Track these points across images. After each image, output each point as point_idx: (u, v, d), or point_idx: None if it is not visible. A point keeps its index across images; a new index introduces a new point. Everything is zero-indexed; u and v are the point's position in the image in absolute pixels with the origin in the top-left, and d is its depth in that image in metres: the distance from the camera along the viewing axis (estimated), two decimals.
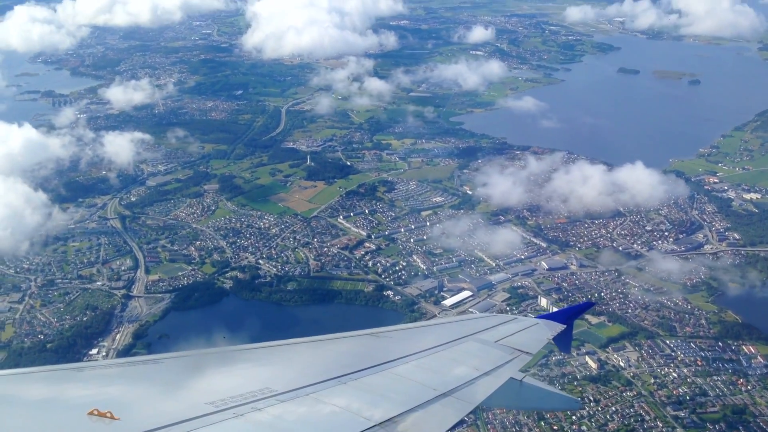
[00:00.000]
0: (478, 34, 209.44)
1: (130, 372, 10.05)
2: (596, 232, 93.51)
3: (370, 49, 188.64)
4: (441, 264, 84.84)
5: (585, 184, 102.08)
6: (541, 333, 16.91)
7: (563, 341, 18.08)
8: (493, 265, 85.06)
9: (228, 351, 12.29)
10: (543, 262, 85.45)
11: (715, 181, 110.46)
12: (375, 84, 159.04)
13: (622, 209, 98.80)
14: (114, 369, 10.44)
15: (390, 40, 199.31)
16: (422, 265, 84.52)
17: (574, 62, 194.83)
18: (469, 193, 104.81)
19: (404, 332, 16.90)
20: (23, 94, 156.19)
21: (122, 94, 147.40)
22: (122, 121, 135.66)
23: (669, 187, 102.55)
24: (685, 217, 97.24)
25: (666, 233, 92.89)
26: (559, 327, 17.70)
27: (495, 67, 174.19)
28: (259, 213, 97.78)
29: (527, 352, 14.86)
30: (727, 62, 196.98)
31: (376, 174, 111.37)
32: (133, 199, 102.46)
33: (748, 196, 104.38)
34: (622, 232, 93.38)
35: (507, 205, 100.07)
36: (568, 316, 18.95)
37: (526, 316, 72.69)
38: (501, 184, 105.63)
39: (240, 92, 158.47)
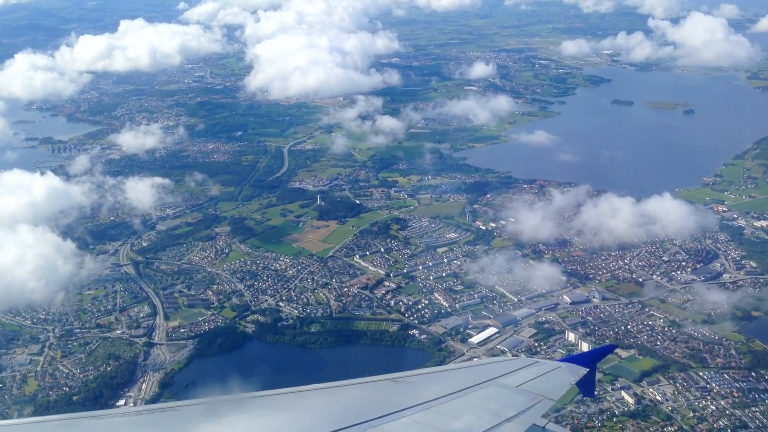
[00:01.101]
0: (478, 70, 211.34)
1: (148, 420, 9.99)
2: (614, 263, 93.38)
3: (370, 87, 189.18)
4: (463, 301, 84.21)
5: (605, 216, 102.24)
6: (564, 377, 16.78)
7: (586, 385, 17.88)
8: (516, 300, 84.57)
9: (244, 398, 12.31)
10: (565, 296, 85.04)
11: (724, 209, 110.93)
12: (378, 122, 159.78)
13: (636, 240, 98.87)
14: (133, 417, 10.41)
15: (393, 77, 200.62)
16: (444, 303, 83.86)
17: (568, 95, 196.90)
18: (483, 228, 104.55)
19: (425, 377, 16.65)
20: (26, 141, 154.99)
21: (127, 139, 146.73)
22: (124, 166, 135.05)
23: (698, 217, 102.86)
24: (699, 247, 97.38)
25: (683, 263, 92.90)
26: (582, 371, 17.54)
27: (494, 102, 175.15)
28: (273, 254, 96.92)
29: (550, 398, 14.72)
30: (718, 91, 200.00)
31: (387, 212, 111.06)
32: (144, 244, 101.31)
33: (758, 224, 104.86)
34: (640, 263, 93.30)
35: (522, 239, 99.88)
36: (591, 359, 18.70)
37: (554, 352, 72.35)
38: (515, 219, 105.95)
39: (240, 133, 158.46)
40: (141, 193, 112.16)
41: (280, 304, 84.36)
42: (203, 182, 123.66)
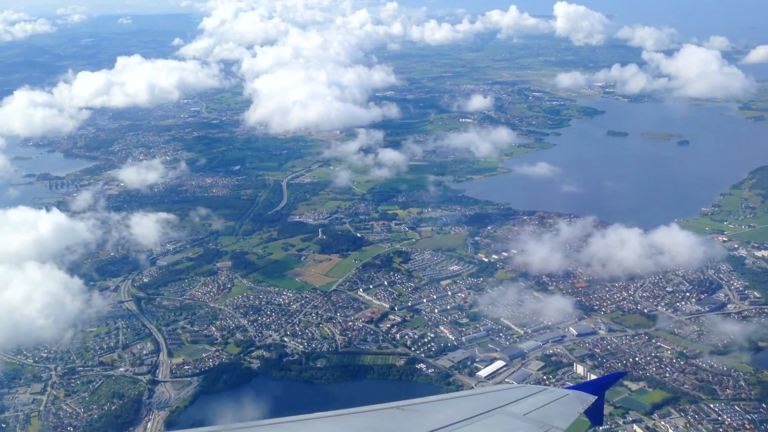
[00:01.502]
0: (474, 102, 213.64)
1: None
2: (618, 294, 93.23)
3: (368, 121, 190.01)
4: (469, 334, 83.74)
5: (608, 247, 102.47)
6: (572, 405, 16.61)
7: (595, 413, 17.55)
8: (522, 332, 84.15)
9: (250, 426, 12.44)
10: (571, 328, 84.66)
11: (724, 239, 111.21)
12: (377, 155, 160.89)
13: (639, 271, 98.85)
14: None
15: (390, 111, 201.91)
16: (450, 336, 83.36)
17: (563, 126, 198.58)
18: (485, 260, 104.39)
19: (431, 405, 16.36)
20: (26, 177, 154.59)
21: (126, 174, 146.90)
22: (122, 201, 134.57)
23: (706, 248, 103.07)
24: (702, 277, 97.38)
25: (687, 294, 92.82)
26: (591, 399, 17.37)
27: (491, 134, 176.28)
28: (276, 289, 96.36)
29: (558, 427, 14.57)
30: (711, 122, 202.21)
31: (389, 245, 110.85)
32: (145, 279, 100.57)
33: (759, 254, 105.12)
34: (644, 294, 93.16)
35: (526, 270, 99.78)
36: (599, 387, 18.50)
37: (563, 384, 71.83)
38: (517, 251, 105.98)
39: (238, 167, 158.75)
40: (144, 228, 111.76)
41: (285, 339, 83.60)
42: (203, 217, 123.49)
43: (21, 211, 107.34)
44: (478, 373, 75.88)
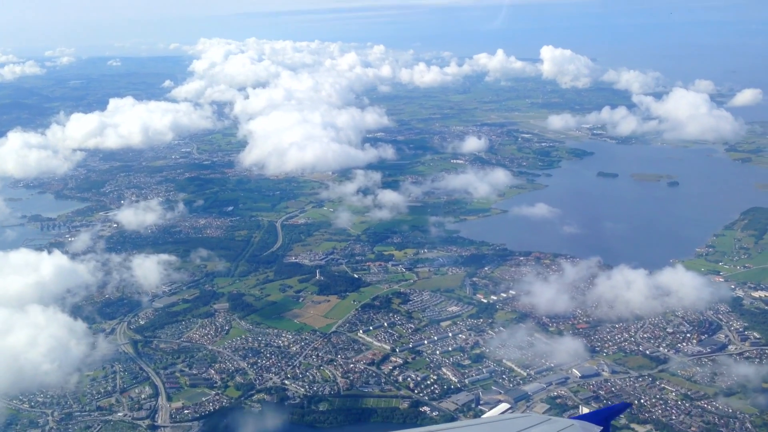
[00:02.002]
0: (465, 144, 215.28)
1: None
2: (619, 336, 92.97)
3: (363, 162, 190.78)
4: (472, 376, 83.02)
5: (607, 288, 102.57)
6: None
7: None
8: (525, 374, 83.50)
9: None
10: (574, 370, 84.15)
11: (720, 280, 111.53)
12: (374, 196, 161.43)
13: (639, 312, 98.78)
14: None
15: (383, 152, 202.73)
16: (453, 378, 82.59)
17: (553, 167, 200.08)
18: (484, 301, 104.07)
19: None
20: (22, 219, 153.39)
21: (120, 216, 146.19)
22: (116, 243, 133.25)
23: (713, 289, 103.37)
24: (702, 318, 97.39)
25: (688, 335, 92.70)
26: (596, 429, 17.29)
27: (483, 176, 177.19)
28: (275, 331, 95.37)
29: None
30: (699, 164, 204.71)
31: (387, 286, 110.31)
32: (141, 322, 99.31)
33: (756, 294, 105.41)
34: (645, 335, 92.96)
35: (525, 311, 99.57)
36: (604, 417, 18.32)
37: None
38: (516, 292, 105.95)
39: (231, 208, 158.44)
40: (145, 270, 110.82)
41: (286, 382, 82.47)
42: (198, 258, 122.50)
43: (22, 253, 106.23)
44: (483, 416, 74.79)
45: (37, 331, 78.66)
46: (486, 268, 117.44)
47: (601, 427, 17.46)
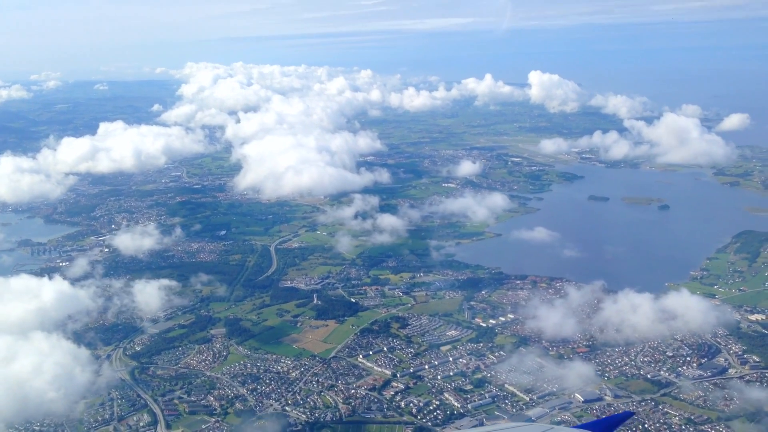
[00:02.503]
0: (456, 168, 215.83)
1: None
2: (619, 359, 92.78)
3: (360, 186, 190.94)
4: (474, 401, 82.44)
5: (605, 311, 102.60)
6: None
7: None
8: (527, 399, 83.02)
9: None
10: (577, 394, 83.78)
11: (716, 303, 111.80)
12: (367, 220, 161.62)
13: (638, 335, 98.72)
14: None
15: (373, 176, 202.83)
16: (456, 403, 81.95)
17: (544, 191, 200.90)
18: (483, 325, 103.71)
19: None
20: (10, 243, 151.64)
21: (116, 240, 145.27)
22: (108, 267, 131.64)
23: (719, 314, 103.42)
24: (701, 341, 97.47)
25: (688, 358, 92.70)
26: None
27: (475, 199, 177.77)
28: (274, 356, 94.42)
29: None
30: (688, 187, 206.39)
31: (385, 310, 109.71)
32: (137, 348, 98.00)
33: (753, 317, 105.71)
34: (645, 359, 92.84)
35: (524, 335, 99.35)
36: (606, 426, 18.33)
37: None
38: (514, 316, 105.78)
39: (223, 233, 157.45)
40: (145, 296, 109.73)
41: (287, 408, 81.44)
42: (193, 283, 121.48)
43: (21, 278, 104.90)
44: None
45: (42, 358, 77.31)
46: (483, 292, 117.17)
47: None
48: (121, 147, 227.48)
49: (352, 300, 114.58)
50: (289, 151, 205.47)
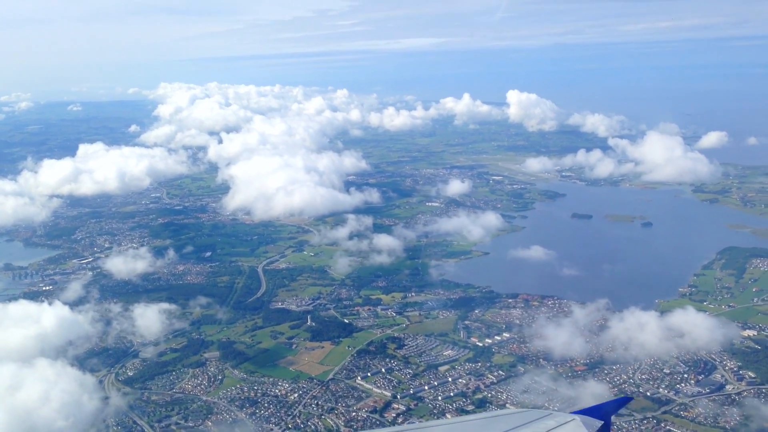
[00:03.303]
0: (439, 187, 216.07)
1: None
2: (618, 377, 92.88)
3: (346, 206, 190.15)
4: None
5: (602, 329, 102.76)
6: (578, 430, 16.59)
7: None
8: None
9: None
10: None
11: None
12: (353, 239, 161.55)
13: (635, 353, 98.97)
14: None
15: (371, 196, 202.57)
16: None
17: (528, 209, 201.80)
18: (479, 344, 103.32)
19: (439, 428, 16.63)
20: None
21: (107, 263, 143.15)
22: (94, 291, 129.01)
23: (726, 331, 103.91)
24: (696, 358, 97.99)
25: (685, 375, 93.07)
26: (597, 423, 17.36)
27: (459, 218, 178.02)
28: (271, 379, 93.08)
29: None
30: (668, 205, 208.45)
31: (380, 330, 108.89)
32: (130, 373, 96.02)
33: (745, 333, 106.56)
34: (643, 377, 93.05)
35: (521, 354, 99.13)
36: (605, 411, 18.48)
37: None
38: (509, 335, 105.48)
39: (209, 254, 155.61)
40: (146, 319, 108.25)
41: None
42: (183, 305, 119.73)
43: (20, 304, 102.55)
44: None
45: (48, 386, 75.29)
46: (476, 311, 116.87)
47: (602, 422, 17.46)
48: (104, 169, 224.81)
49: (346, 321, 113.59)
50: (278, 171, 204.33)
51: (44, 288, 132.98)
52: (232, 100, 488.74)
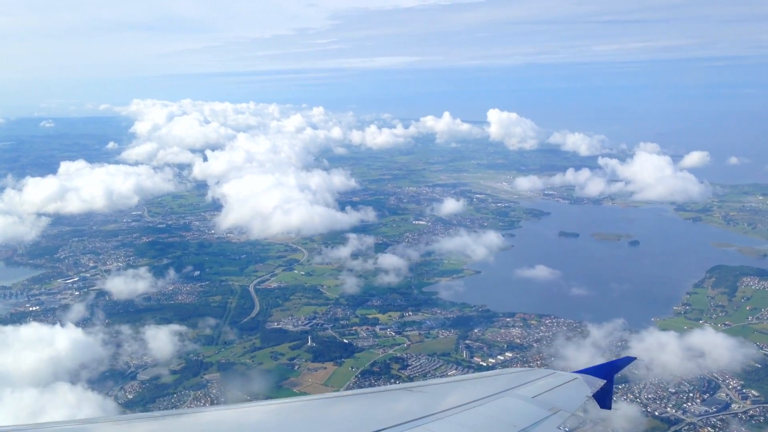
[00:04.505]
0: (440, 206, 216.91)
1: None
2: (624, 396, 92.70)
3: (342, 225, 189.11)
4: None
5: (603, 348, 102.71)
6: (581, 389, 16.81)
7: (604, 397, 17.68)
8: None
9: (262, 406, 12.63)
10: None
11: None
12: (343, 258, 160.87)
13: (636, 372, 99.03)
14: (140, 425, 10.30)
15: (361, 215, 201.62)
16: None
17: (514, 228, 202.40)
18: (483, 364, 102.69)
19: (440, 386, 16.60)
20: None
21: (101, 283, 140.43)
22: (84, 312, 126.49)
23: (747, 351, 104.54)
24: (699, 376, 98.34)
25: (691, 394, 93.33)
26: (600, 382, 17.55)
27: (449, 237, 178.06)
28: None
29: (566, 410, 14.79)
30: (652, 223, 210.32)
31: (382, 351, 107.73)
32: (130, 396, 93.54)
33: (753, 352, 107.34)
34: (649, 396, 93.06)
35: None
36: (608, 371, 18.70)
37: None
38: (512, 354, 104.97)
39: (197, 273, 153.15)
40: (157, 341, 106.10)
41: None
42: (176, 326, 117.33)
43: (32, 326, 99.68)
44: None
45: (72, 411, 72.83)
46: (476, 330, 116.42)
47: (605, 381, 17.64)
48: (91, 187, 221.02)
49: (345, 341, 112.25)
50: (272, 190, 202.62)
51: (31, 309, 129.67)
52: (208, 117, 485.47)
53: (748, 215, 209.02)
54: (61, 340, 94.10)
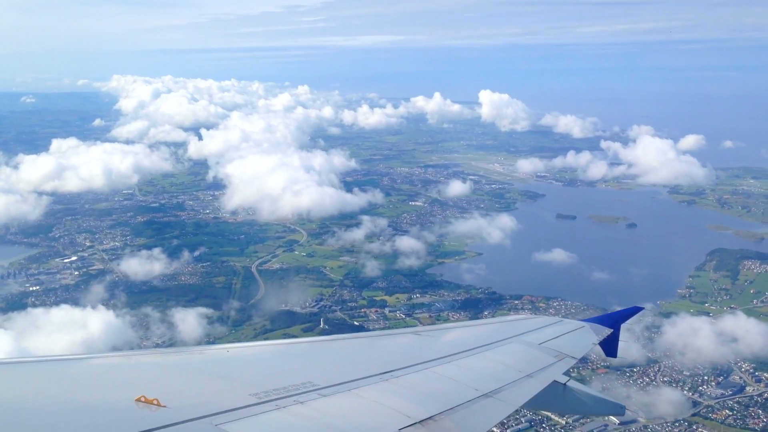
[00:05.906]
0: (456, 187, 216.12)
1: (177, 361, 9.98)
2: (640, 380, 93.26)
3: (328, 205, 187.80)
4: (511, 425, 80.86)
5: (630, 331, 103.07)
6: (588, 337, 17.06)
7: (610, 346, 18.14)
8: (563, 422, 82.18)
9: (272, 345, 12.88)
10: (612, 416, 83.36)
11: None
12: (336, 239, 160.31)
13: (651, 355, 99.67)
14: (161, 357, 10.56)
15: (366, 197, 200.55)
16: (495, 429, 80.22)
17: (511, 209, 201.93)
18: None
19: (447, 331, 16.91)
20: None
21: (98, 263, 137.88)
22: (87, 292, 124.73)
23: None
24: (711, 359, 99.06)
25: (705, 377, 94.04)
26: (606, 331, 17.84)
27: (443, 219, 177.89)
28: None
29: (572, 356, 15.05)
30: (647, 206, 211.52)
31: None
32: None
33: None
34: (665, 379, 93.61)
35: None
36: (615, 320, 18.95)
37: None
38: None
39: (198, 253, 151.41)
40: (186, 324, 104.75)
41: None
42: (183, 308, 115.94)
43: (62, 309, 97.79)
44: None
45: None
46: (485, 312, 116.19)
47: (612, 330, 17.98)
48: (89, 165, 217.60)
49: (356, 323, 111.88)
50: (278, 170, 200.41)
51: (31, 288, 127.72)
52: (194, 95, 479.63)
53: (741, 198, 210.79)
54: (93, 323, 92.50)
